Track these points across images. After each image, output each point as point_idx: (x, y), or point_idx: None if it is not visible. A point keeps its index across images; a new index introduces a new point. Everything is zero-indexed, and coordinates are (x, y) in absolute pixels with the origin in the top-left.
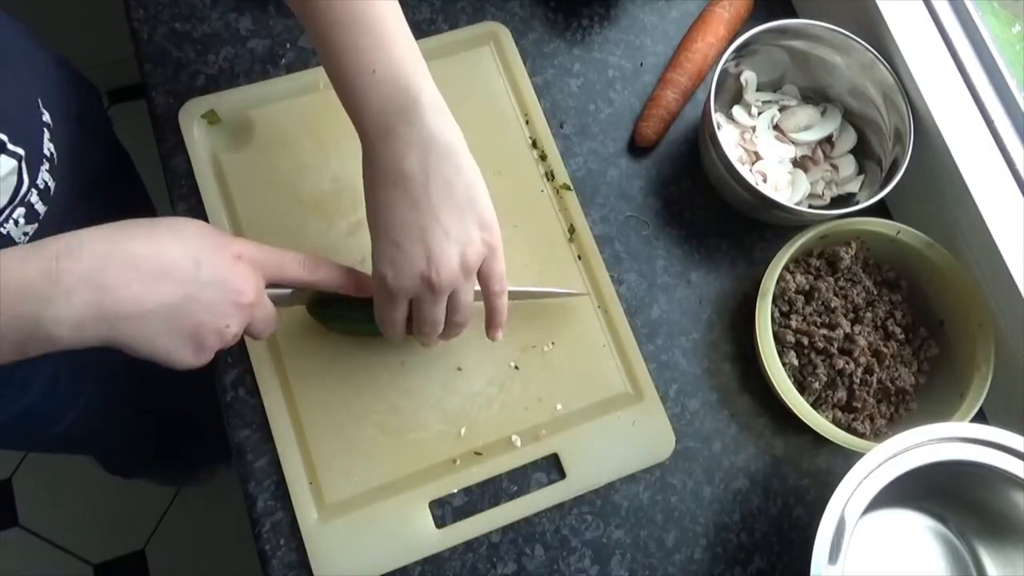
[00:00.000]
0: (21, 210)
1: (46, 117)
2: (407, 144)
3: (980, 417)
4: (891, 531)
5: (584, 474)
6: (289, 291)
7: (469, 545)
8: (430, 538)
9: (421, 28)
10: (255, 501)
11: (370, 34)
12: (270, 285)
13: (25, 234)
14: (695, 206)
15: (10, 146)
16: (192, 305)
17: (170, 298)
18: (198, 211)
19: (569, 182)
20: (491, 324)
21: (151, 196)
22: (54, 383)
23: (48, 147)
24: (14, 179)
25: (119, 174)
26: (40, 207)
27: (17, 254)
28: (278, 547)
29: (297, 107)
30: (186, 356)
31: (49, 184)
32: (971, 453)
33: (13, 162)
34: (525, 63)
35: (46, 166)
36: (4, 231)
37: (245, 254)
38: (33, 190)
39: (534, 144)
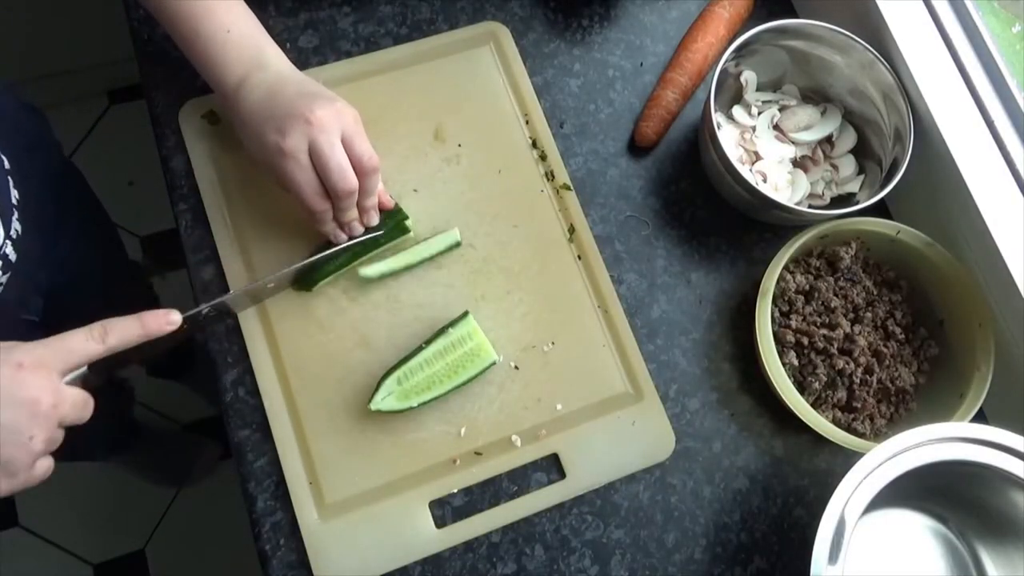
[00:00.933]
0: None
1: (6, 163)
2: (260, 84)
3: (980, 417)
4: (891, 531)
5: (584, 474)
6: (84, 370)
7: (469, 545)
8: (430, 538)
9: (421, 28)
10: (255, 501)
11: (221, 4)
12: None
13: (0, 284)
14: (695, 206)
15: None
16: None
17: None
18: (198, 211)
19: (569, 182)
20: (361, 207)
21: (108, 207)
22: None
23: (14, 194)
24: None
25: (69, 196)
26: (13, 256)
27: None
28: (278, 547)
29: None
30: (1, 485)
31: (19, 230)
32: (971, 453)
33: None
34: (525, 63)
35: (16, 215)
36: None
37: (26, 360)
38: (8, 242)
39: (534, 144)
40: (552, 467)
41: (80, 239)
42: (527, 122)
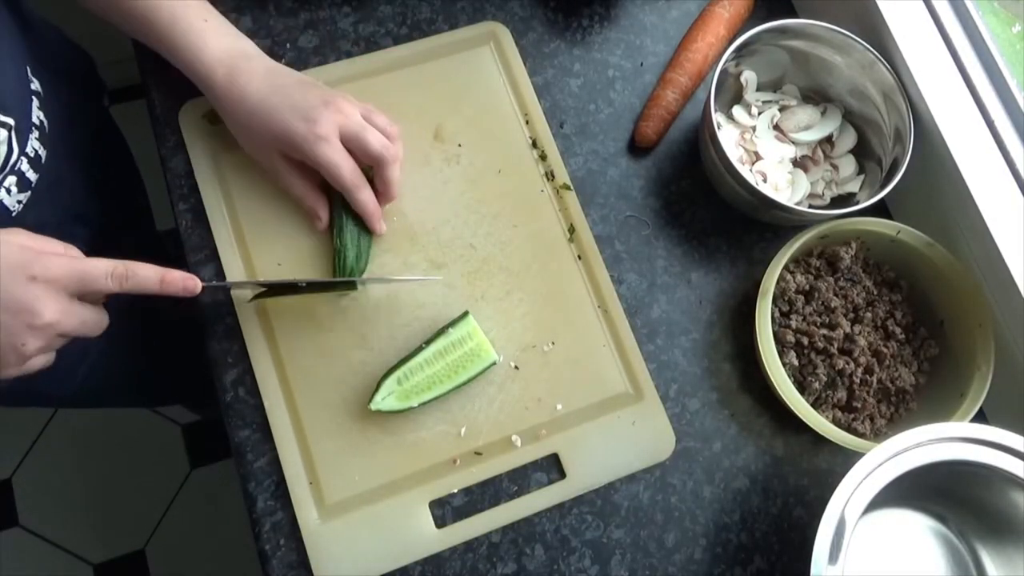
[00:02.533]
0: (12, 178)
1: (35, 85)
2: (253, 72)
3: (980, 417)
4: (891, 531)
5: (584, 474)
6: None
7: (469, 545)
8: (430, 538)
9: (421, 28)
10: (255, 501)
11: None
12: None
13: (19, 202)
14: (695, 206)
15: (0, 116)
16: None
17: None
18: (198, 211)
19: (569, 182)
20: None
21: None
22: None
23: (37, 115)
24: (4, 148)
25: (109, 140)
26: (31, 175)
27: None
28: (278, 547)
29: None
30: None
31: (40, 152)
32: (971, 453)
33: (3, 132)
34: (525, 63)
35: (35, 134)
36: None
37: (42, 275)
38: (23, 158)
39: (534, 144)
40: (552, 467)
41: (124, 186)
42: (527, 122)
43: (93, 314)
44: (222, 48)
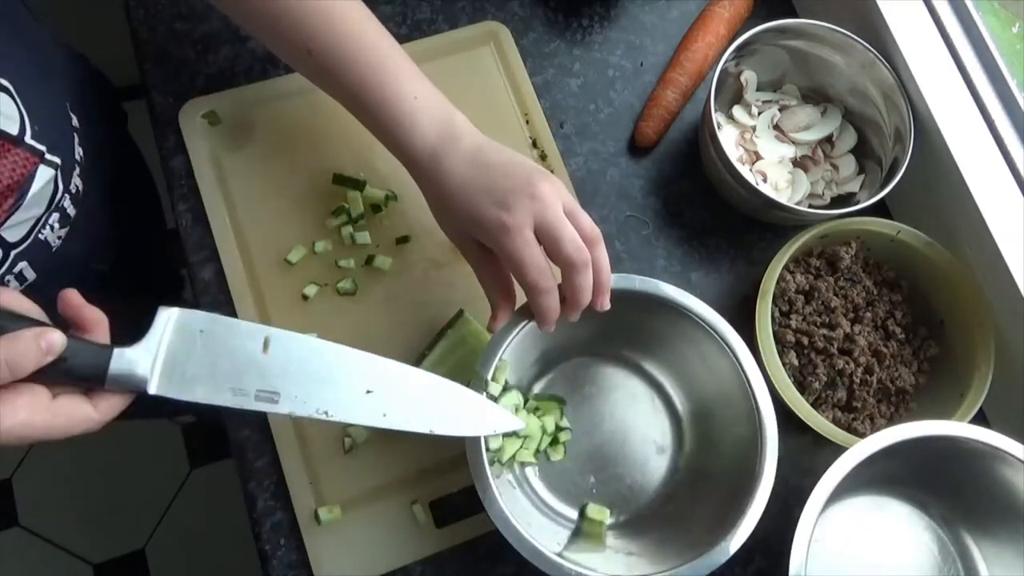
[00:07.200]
0: (56, 215)
1: (75, 121)
2: (461, 154)
3: (980, 417)
4: (872, 520)
5: None
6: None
7: (469, 545)
8: (430, 538)
9: (421, 28)
10: (255, 501)
11: (398, 68)
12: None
13: (59, 238)
14: (695, 206)
15: (48, 156)
16: None
17: None
18: (198, 211)
19: (569, 182)
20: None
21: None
22: None
23: (78, 151)
24: (51, 187)
25: (135, 169)
26: (72, 210)
27: None
28: (278, 547)
29: (297, 107)
30: None
31: (80, 187)
32: (952, 429)
33: (51, 171)
34: (525, 63)
35: (77, 170)
36: (42, 237)
37: None
38: (66, 196)
39: (534, 144)
40: None
41: (145, 210)
42: (527, 122)
43: (38, 410)
44: (432, 130)
